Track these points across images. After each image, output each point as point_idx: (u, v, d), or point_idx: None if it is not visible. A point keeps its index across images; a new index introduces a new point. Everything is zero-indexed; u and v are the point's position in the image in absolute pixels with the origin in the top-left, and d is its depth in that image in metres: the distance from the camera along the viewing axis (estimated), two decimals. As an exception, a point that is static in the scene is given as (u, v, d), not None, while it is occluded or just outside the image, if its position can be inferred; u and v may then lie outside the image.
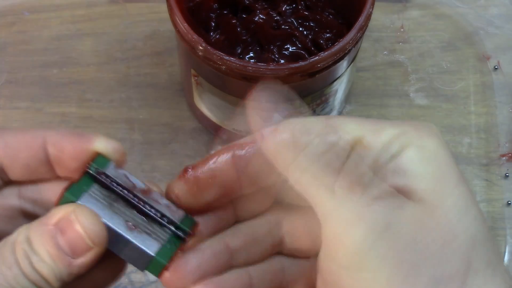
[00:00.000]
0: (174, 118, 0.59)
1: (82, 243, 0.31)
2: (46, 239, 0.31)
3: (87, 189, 0.33)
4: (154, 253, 0.32)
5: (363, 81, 0.61)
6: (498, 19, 0.64)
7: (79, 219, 0.31)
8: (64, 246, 0.31)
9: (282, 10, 0.54)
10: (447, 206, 0.29)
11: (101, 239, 0.31)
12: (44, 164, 0.34)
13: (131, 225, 0.32)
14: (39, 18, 0.63)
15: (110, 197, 0.33)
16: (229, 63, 0.45)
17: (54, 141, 0.34)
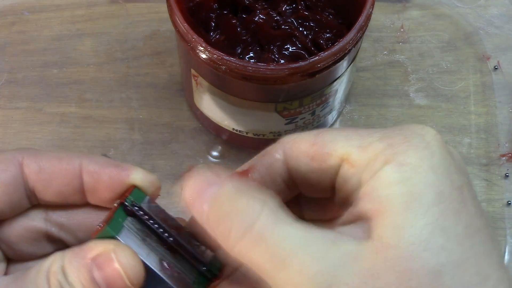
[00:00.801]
0: (174, 118, 0.59)
1: (120, 282, 0.31)
2: (82, 272, 0.30)
3: (123, 222, 0.32)
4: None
5: (363, 81, 0.61)
6: (498, 19, 0.64)
7: (119, 259, 0.31)
8: (100, 282, 0.30)
9: (282, 10, 0.54)
10: (407, 240, 0.26)
11: (139, 280, 0.31)
12: (77, 192, 0.34)
13: (166, 264, 0.32)
14: (39, 18, 0.63)
15: (143, 232, 0.33)
16: (229, 63, 0.45)
17: (91, 170, 0.34)
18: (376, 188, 0.27)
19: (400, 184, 0.27)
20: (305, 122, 0.53)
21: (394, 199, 0.27)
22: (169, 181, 0.56)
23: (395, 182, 0.27)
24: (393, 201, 0.27)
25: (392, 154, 0.28)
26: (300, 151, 0.31)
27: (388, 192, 0.27)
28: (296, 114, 0.51)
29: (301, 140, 0.31)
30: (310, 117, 0.52)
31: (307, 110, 0.51)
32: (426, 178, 0.27)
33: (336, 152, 0.29)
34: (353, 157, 0.29)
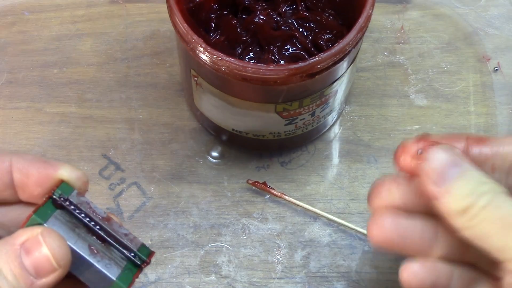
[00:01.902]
0: (174, 118, 0.59)
1: (47, 264, 0.31)
2: (11, 258, 0.31)
3: (52, 213, 0.34)
4: (115, 277, 0.33)
5: (363, 82, 0.61)
6: (498, 19, 0.64)
7: (46, 241, 0.31)
8: (28, 266, 0.31)
9: (282, 11, 0.54)
10: None
11: (66, 261, 0.32)
12: (8, 187, 0.35)
13: (94, 249, 0.34)
14: (39, 18, 0.63)
15: (72, 223, 0.34)
16: (229, 64, 0.45)
17: (20, 166, 0.35)
18: None
19: None
20: (304, 123, 0.53)
21: None
22: (169, 181, 0.56)
23: None
24: None
25: None
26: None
27: None
28: (296, 115, 0.51)
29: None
30: (310, 118, 0.52)
31: (307, 111, 0.51)
32: None
33: None
34: None
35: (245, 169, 0.57)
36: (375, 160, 0.58)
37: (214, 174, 0.57)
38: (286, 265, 0.53)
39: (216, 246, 0.54)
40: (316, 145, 0.58)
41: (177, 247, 0.53)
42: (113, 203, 0.55)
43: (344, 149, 0.58)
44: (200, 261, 0.53)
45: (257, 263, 0.53)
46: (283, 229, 0.54)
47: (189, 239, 0.54)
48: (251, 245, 0.54)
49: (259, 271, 0.53)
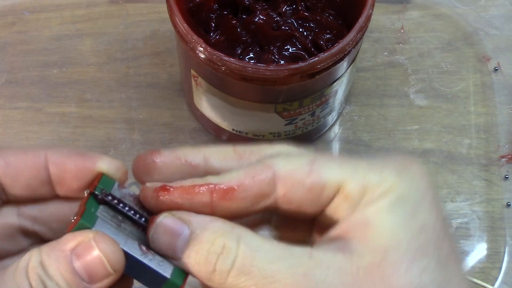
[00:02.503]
0: (174, 118, 0.59)
1: (101, 270, 0.31)
2: (62, 264, 0.30)
3: (96, 211, 0.32)
4: (169, 275, 0.32)
5: (363, 82, 0.61)
6: (498, 19, 0.64)
7: (99, 246, 0.31)
8: (81, 271, 0.30)
9: (282, 11, 0.54)
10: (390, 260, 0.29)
11: (121, 265, 0.31)
12: (45, 183, 0.34)
13: (145, 248, 0.32)
14: (39, 18, 0.63)
15: (117, 218, 0.33)
16: (228, 64, 0.45)
17: (56, 160, 0.34)
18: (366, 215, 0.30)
19: (388, 213, 0.30)
20: (305, 123, 0.53)
21: (382, 225, 0.29)
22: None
23: (384, 211, 0.30)
24: (381, 227, 0.29)
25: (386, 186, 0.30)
26: (296, 180, 0.31)
27: (376, 219, 0.30)
28: (296, 115, 0.51)
29: (296, 168, 0.31)
30: (310, 118, 0.52)
31: (307, 111, 0.51)
32: (413, 210, 0.30)
33: (333, 182, 0.31)
34: (348, 189, 0.31)
35: (245, 169, 0.57)
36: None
37: (214, 174, 0.57)
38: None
39: (216, 246, 0.54)
40: (316, 145, 0.58)
41: (177, 247, 0.53)
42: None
43: (344, 149, 0.58)
44: (200, 261, 0.53)
45: (257, 263, 0.53)
46: (283, 229, 0.54)
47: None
48: (251, 245, 0.54)
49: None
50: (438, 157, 0.58)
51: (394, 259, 0.29)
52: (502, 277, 0.54)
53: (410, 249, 0.29)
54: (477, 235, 0.56)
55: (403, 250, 0.29)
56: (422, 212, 0.30)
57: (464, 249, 0.55)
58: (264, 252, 0.30)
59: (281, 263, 0.29)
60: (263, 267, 0.29)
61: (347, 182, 0.31)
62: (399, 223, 0.29)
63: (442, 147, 0.59)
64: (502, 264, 0.55)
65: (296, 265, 0.29)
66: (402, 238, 0.29)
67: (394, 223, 0.29)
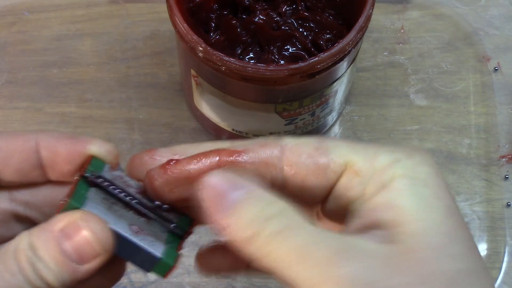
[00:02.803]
0: (174, 118, 0.59)
1: (90, 250, 0.30)
2: (51, 245, 0.30)
3: (86, 193, 0.32)
4: (161, 254, 0.32)
5: (363, 82, 0.61)
6: (498, 19, 0.64)
7: (88, 225, 0.30)
8: (70, 252, 0.30)
9: (282, 11, 0.54)
10: (427, 245, 0.28)
11: (109, 245, 0.31)
12: (36, 167, 0.34)
13: (136, 228, 0.32)
14: (39, 18, 0.63)
15: (108, 200, 0.33)
16: (228, 63, 0.45)
17: (47, 144, 0.34)
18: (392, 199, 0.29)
19: (412, 195, 0.29)
20: (305, 123, 0.53)
21: (412, 209, 0.29)
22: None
23: (410, 194, 0.29)
24: (411, 211, 0.29)
25: (400, 169, 0.29)
26: (302, 152, 0.31)
27: (405, 204, 0.29)
28: (296, 115, 0.51)
29: (304, 143, 0.31)
30: (310, 118, 0.52)
31: (307, 111, 0.51)
32: (435, 192, 0.29)
33: (340, 158, 0.30)
34: (358, 165, 0.30)
35: (245, 169, 0.57)
36: (375, 160, 0.58)
37: (214, 174, 0.57)
38: (286, 265, 0.53)
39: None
40: (316, 145, 0.58)
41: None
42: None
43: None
44: (200, 261, 0.53)
45: (257, 263, 0.53)
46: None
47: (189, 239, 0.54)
48: (251, 245, 0.54)
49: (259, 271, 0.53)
50: (438, 157, 0.58)
51: (425, 245, 0.28)
52: (502, 277, 0.54)
53: (439, 234, 0.28)
54: (477, 235, 0.56)
55: (433, 234, 0.28)
56: (444, 195, 0.30)
57: (464, 249, 0.55)
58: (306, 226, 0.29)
59: (319, 239, 0.28)
60: (306, 237, 0.28)
61: (356, 159, 0.30)
62: (425, 205, 0.29)
63: (442, 147, 0.59)
64: (502, 264, 0.55)
65: (332, 244, 0.28)
66: (430, 222, 0.29)
67: (419, 206, 0.29)
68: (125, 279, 0.54)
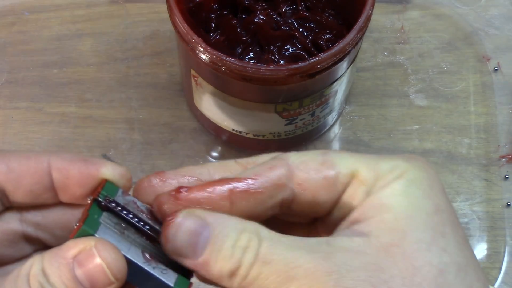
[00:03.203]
0: (174, 118, 0.59)
1: (103, 278, 0.30)
2: (64, 272, 0.30)
3: (99, 218, 0.32)
4: (173, 283, 0.32)
5: (363, 82, 0.61)
6: (498, 19, 0.64)
7: (101, 254, 0.30)
8: (83, 280, 0.30)
9: (282, 11, 0.54)
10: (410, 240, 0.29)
11: (123, 273, 0.31)
12: (48, 189, 0.34)
13: (148, 256, 0.32)
14: (39, 18, 0.63)
15: (120, 225, 0.33)
16: (228, 63, 0.45)
17: (59, 166, 0.33)
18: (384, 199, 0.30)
19: (403, 195, 0.30)
20: (304, 123, 0.53)
21: (398, 206, 0.30)
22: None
23: (399, 193, 0.30)
24: (397, 208, 0.30)
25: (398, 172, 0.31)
26: (310, 168, 0.32)
27: (392, 201, 0.30)
28: (296, 115, 0.51)
29: (310, 159, 0.32)
30: (310, 117, 0.52)
31: (307, 111, 0.51)
32: (426, 192, 0.30)
33: (347, 169, 0.31)
34: (363, 174, 0.31)
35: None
36: (375, 160, 0.58)
37: (214, 174, 0.57)
38: (286, 265, 0.53)
39: (216, 246, 0.54)
40: (316, 145, 0.58)
41: (177, 247, 0.53)
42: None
43: (344, 149, 0.58)
44: (200, 261, 0.53)
45: (257, 263, 0.53)
46: (283, 229, 0.54)
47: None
48: (251, 245, 0.54)
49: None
50: (438, 157, 0.58)
51: (413, 239, 0.29)
52: (502, 277, 0.54)
53: (427, 229, 0.29)
54: (477, 235, 0.56)
55: (421, 229, 0.29)
56: (435, 195, 0.30)
57: (464, 249, 0.55)
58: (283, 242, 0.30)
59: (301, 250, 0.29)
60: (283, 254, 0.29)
61: (360, 169, 0.31)
62: (414, 203, 0.30)
63: (442, 147, 0.59)
64: (502, 264, 0.55)
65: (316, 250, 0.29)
66: (418, 218, 0.30)
67: (409, 204, 0.30)
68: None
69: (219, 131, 0.56)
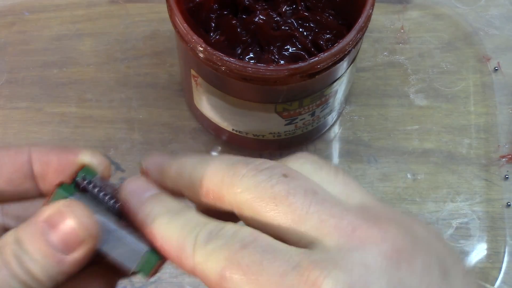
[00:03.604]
0: (174, 118, 0.59)
1: (74, 236, 0.30)
2: (36, 236, 0.30)
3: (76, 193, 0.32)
4: (147, 249, 0.31)
5: (363, 82, 0.61)
6: (498, 19, 0.64)
7: (72, 211, 0.30)
8: (55, 241, 0.30)
9: (282, 10, 0.54)
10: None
11: (94, 231, 0.30)
12: (28, 179, 0.34)
13: (123, 223, 0.32)
14: (39, 18, 0.63)
15: (97, 207, 0.33)
16: (228, 63, 0.45)
17: (39, 154, 0.34)
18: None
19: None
20: (304, 123, 0.53)
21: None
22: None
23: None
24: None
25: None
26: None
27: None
28: (296, 115, 0.51)
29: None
30: (310, 118, 0.52)
31: (307, 111, 0.51)
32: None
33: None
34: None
35: (245, 169, 0.57)
36: (375, 160, 0.58)
37: (214, 174, 0.57)
38: (286, 265, 0.53)
39: (216, 246, 0.54)
40: (316, 145, 0.58)
41: (177, 247, 0.53)
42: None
43: (344, 149, 0.58)
44: (200, 261, 0.53)
45: (257, 263, 0.53)
46: (283, 229, 0.54)
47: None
48: (251, 245, 0.54)
49: (259, 271, 0.53)
50: (438, 157, 0.58)
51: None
52: (502, 277, 0.54)
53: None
54: (477, 235, 0.56)
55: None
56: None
57: (464, 249, 0.55)
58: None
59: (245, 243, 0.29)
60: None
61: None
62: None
63: (442, 147, 0.59)
64: (502, 264, 0.55)
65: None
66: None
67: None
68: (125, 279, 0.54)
69: (219, 131, 0.56)
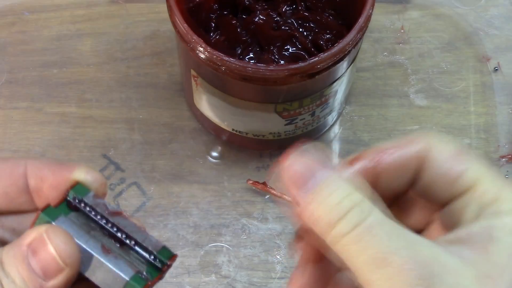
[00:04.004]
0: (174, 118, 0.59)
1: (53, 264, 0.30)
2: (18, 260, 0.30)
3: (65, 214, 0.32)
4: (129, 277, 0.31)
5: (363, 82, 0.61)
6: (498, 20, 0.64)
7: (51, 238, 0.30)
8: (36, 267, 0.30)
9: (282, 11, 0.54)
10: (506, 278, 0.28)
11: (73, 259, 0.30)
12: (24, 193, 0.34)
13: (107, 248, 0.32)
14: (39, 18, 0.63)
15: (88, 225, 0.33)
16: (228, 63, 0.45)
17: (35, 169, 0.34)
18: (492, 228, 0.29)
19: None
20: (304, 123, 0.53)
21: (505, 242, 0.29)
22: (169, 181, 0.56)
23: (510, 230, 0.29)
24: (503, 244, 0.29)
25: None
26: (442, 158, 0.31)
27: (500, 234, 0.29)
28: (295, 115, 0.51)
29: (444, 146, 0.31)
30: (310, 118, 0.52)
31: (307, 111, 0.51)
32: None
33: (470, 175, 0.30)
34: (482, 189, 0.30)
35: (245, 169, 0.57)
36: (375, 160, 0.58)
37: (214, 174, 0.57)
38: (286, 265, 0.53)
39: (216, 246, 0.54)
40: (316, 145, 0.58)
41: (177, 247, 0.53)
42: (113, 203, 0.55)
43: (344, 149, 0.58)
44: (200, 261, 0.53)
45: (257, 263, 0.53)
46: (283, 229, 0.54)
47: (189, 239, 0.54)
48: (251, 245, 0.54)
49: (259, 271, 0.53)
50: (438, 157, 0.58)
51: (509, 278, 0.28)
52: (502, 277, 0.54)
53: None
54: (477, 235, 0.56)
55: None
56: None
57: (464, 249, 0.55)
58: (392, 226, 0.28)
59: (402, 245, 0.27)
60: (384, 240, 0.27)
61: (484, 182, 0.30)
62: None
63: (442, 147, 0.59)
64: (502, 264, 0.55)
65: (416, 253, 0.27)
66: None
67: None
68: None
69: (219, 131, 0.56)
